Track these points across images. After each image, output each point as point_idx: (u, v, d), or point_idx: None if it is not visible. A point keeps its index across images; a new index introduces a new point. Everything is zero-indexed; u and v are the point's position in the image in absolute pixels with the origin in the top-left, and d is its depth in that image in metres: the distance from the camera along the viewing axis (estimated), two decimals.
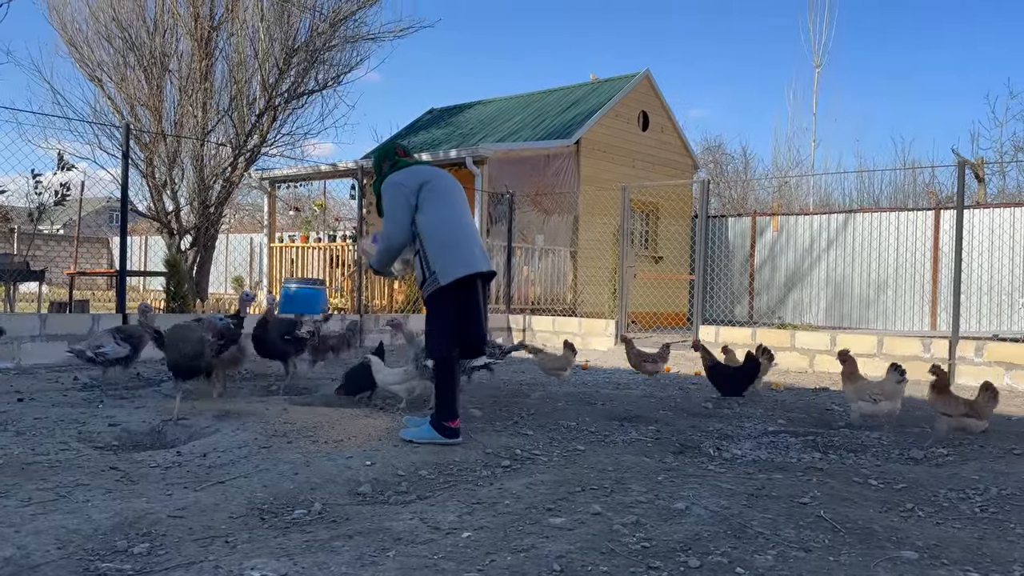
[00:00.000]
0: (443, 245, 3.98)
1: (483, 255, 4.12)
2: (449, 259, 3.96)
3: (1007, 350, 7.40)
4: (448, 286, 3.93)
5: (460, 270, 3.94)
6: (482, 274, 4.07)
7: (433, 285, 3.98)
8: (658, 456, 3.90)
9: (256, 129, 12.78)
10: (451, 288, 3.94)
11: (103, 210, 33.22)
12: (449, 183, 4.20)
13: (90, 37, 12.29)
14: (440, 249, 3.97)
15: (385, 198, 4.14)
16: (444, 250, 3.97)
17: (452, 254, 3.97)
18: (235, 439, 3.81)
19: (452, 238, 4.02)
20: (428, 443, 3.89)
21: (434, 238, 4.00)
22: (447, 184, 4.18)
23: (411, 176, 4.11)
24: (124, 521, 2.64)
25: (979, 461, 3.94)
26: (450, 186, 4.20)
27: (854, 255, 14.43)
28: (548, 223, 13.69)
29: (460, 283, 3.94)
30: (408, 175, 4.12)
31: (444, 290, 3.95)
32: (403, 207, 4.03)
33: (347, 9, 12.87)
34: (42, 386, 5.58)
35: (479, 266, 4.02)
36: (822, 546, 2.60)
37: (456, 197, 4.20)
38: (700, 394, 6.20)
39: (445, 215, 4.05)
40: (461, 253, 3.98)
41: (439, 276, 3.94)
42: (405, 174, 4.13)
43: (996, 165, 23.07)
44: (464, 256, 3.98)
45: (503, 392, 5.89)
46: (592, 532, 2.66)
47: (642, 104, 15.29)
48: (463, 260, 3.97)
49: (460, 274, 3.93)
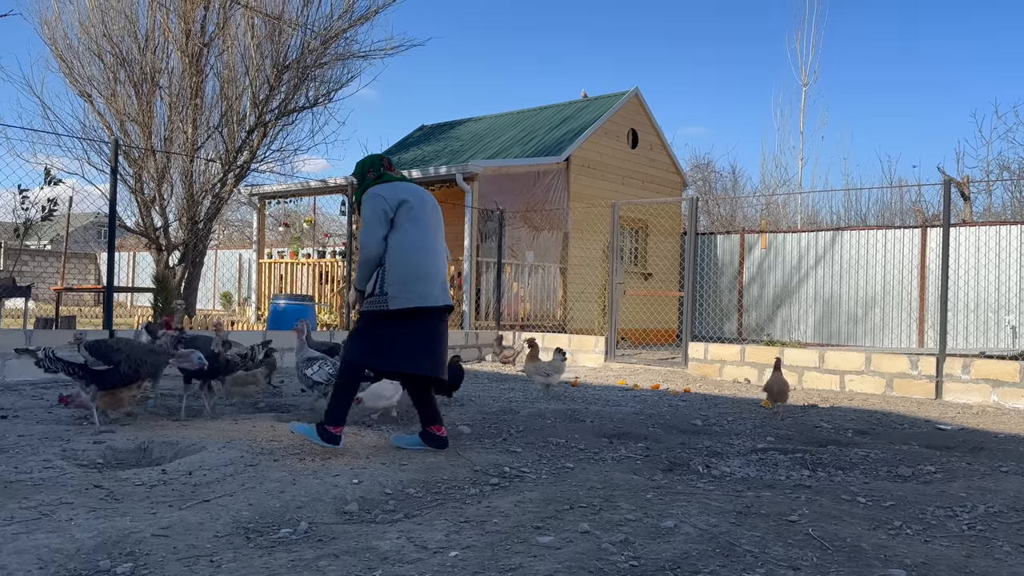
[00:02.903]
0: (406, 272, 3.99)
1: (443, 289, 4.12)
2: (407, 288, 3.97)
3: (994, 367, 7.45)
4: (394, 312, 3.97)
5: (413, 301, 3.97)
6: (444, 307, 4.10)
7: (379, 304, 4.00)
8: (647, 474, 3.89)
9: (246, 145, 12.79)
10: (396, 314, 3.98)
11: (91, 225, 33.09)
12: (428, 206, 4.19)
13: (81, 52, 12.31)
14: (401, 275, 3.99)
15: (364, 208, 4.13)
16: (406, 278, 3.98)
17: (410, 283, 3.98)
18: (221, 457, 3.78)
19: (415, 267, 4.02)
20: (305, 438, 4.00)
21: (397, 262, 4.00)
22: (425, 207, 4.16)
23: (392, 191, 4.10)
24: (108, 540, 2.60)
25: (966, 479, 3.95)
26: (428, 210, 4.18)
27: (842, 272, 14.53)
28: (538, 240, 13.71)
29: (410, 311, 3.98)
30: (390, 190, 4.11)
31: (388, 313, 3.98)
32: (380, 220, 4.03)
33: (338, 27, 12.94)
34: (26, 403, 5.52)
35: (434, 301, 4.03)
36: (811, 564, 2.59)
37: (431, 222, 4.18)
38: (689, 411, 6.20)
39: (415, 240, 4.05)
40: (419, 285, 3.99)
41: (389, 300, 3.98)
42: (387, 188, 4.13)
43: (982, 183, 23.32)
44: (420, 289, 3.99)
45: (492, 409, 5.87)
46: (580, 551, 2.64)
47: (631, 122, 15.39)
48: (418, 292, 3.99)
49: (410, 305, 3.96)
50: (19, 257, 12.10)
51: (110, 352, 4.56)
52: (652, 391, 7.72)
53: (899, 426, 5.81)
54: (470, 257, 12.39)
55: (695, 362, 9.41)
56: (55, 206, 8.50)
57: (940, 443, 5.10)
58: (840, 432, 5.39)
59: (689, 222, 10.44)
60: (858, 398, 7.56)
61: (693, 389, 7.92)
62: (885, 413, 6.48)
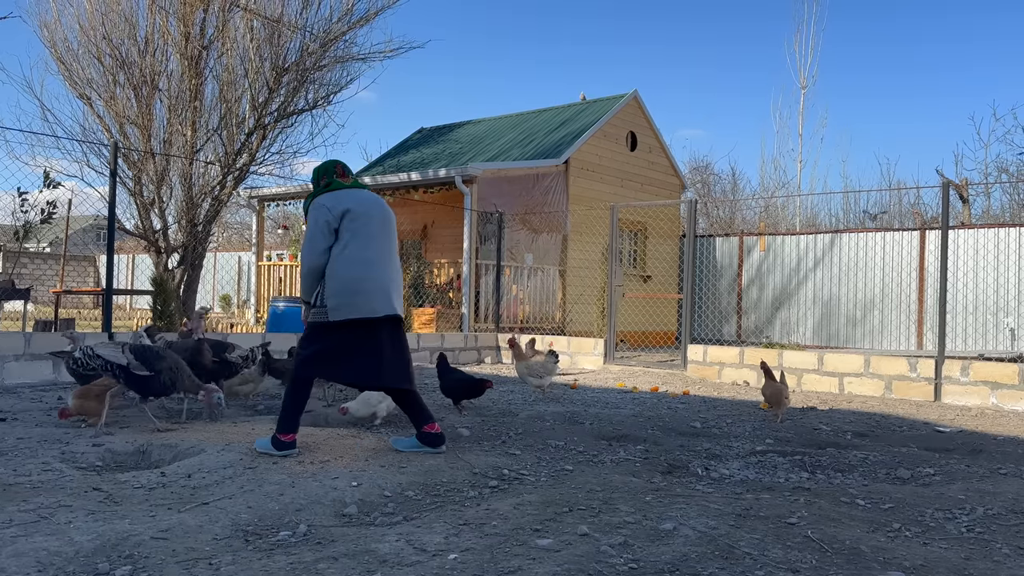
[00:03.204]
0: (344, 285, 3.98)
1: (386, 299, 4.06)
2: (345, 300, 3.96)
3: (993, 369, 7.45)
4: (336, 323, 3.97)
5: (353, 313, 3.96)
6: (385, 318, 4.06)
7: (320, 316, 4.01)
8: (646, 476, 3.89)
9: (245, 148, 12.78)
10: (339, 325, 3.98)
11: (90, 228, 33.09)
12: (375, 215, 4.13)
13: (80, 55, 12.29)
14: (340, 289, 3.97)
15: (308, 219, 4.12)
16: (343, 291, 3.97)
17: (350, 296, 3.97)
18: (220, 459, 3.78)
19: (355, 279, 3.99)
20: (266, 453, 3.95)
21: (338, 276, 3.99)
22: (372, 216, 4.11)
23: (336, 201, 4.07)
24: (107, 543, 2.60)
25: (965, 481, 3.96)
26: (374, 219, 4.12)
27: (841, 275, 14.54)
28: (537, 242, 13.72)
29: (352, 322, 3.97)
30: (335, 199, 4.08)
31: (331, 324, 3.99)
32: (321, 232, 4.02)
33: (338, 30, 12.94)
34: (25, 405, 5.52)
35: (373, 312, 4.00)
36: (810, 566, 2.59)
37: (377, 231, 4.12)
38: (688, 413, 6.21)
39: (355, 252, 4.02)
40: (359, 297, 3.98)
41: (328, 312, 3.98)
42: (332, 197, 4.09)
43: (981, 186, 23.34)
44: (360, 301, 3.98)
45: (491, 412, 5.87)
46: (579, 554, 2.64)
47: (630, 124, 15.41)
48: (358, 304, 3.97)
49: (351, 316, 3.96)
50: (18, 259, 12.09)
51: (155, 359, 4.50)
52: (651, 393, 7.72)
53: (898, 428, 5.82)
54: (469, 259, 12.39)
55: (694, 364, 9.41)
56: (54, 209, 8.50)
57: (939, 445, 5.10)
58: (839, 434, 5.40)
59: (688, 224, 10.44)
60: (857, 400, 7.56)
61: (692, 391, 7.93)
62: (884, 415, 6.48)
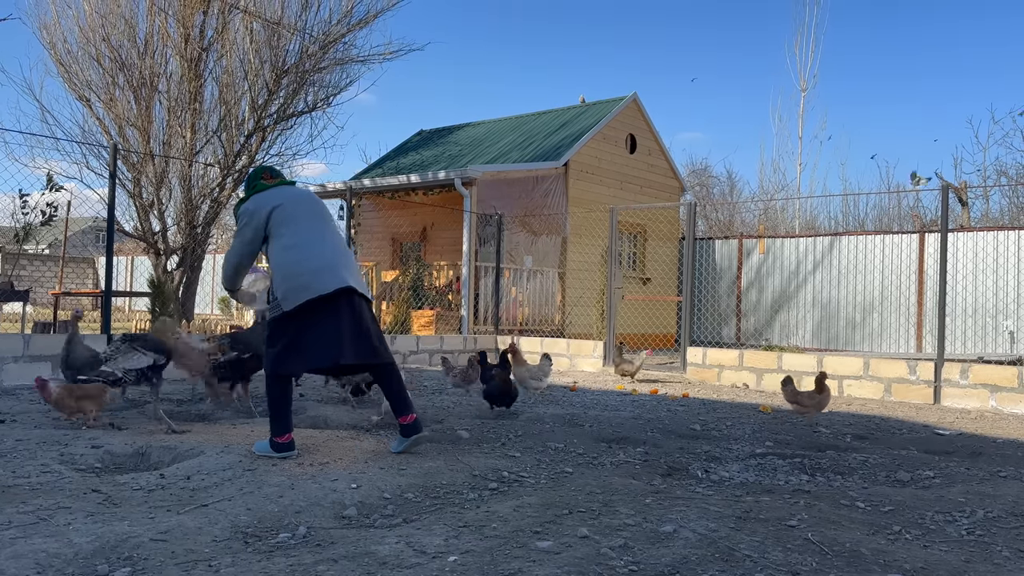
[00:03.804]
0: (286, 272, 4.01)
1: (332, 276, 4.02)
2: (291, 286, 3.98)
3: (992, 372, 7.45)
4: (291, 311, 3.98)
5: (301, 295, 3.96)
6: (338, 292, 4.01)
7: (276, 310, 4.05)
8: (646, 478, 3.89)
9: (245, 150, 12.79)
10: (294, 313, 3.98)
11: (89, 230, 33.08)
12: (301, 203, 4.21)
13: (80, 57, 12.30)
14: (283, 277, 4.01)
15: (237, 225, 4.25)
16: (287, 277, 4.00)
17: (294, 280, 3.99)
18: (219, 461, 3.77)
19: (295, 263, 4.02)
20: (265, 456, 3.95)
21: (278, 265, 4.05)
22: (299, 204, 4.19)
23: (261, 202, 4.15)
24: (106, 545, 2.60)
25: (965, 483, 3.95)
26: (301, 207, 4.20)
27: (840, 277, 14.54)
28: (536, 244, 13.73)
29: (305, 306, 3.97)
30: (259, 201, 4.17)
31: (287, 315, 4.00)
32: (248, 235, 4.13)
33: (337, 32, 12.95)
34: (24, 407, 5.51)
35: (324, 288, 3.98)
36: (810, 569, 2.59)
37: (306, 216, 4.18)
38: (688, 416, 6.20)
39: (291, 240, 4.07)
40: (303, 279, 3.98)
41: (281, 302, 4.01)
42: (256, 200, 4.19)
43: (979, 189, 23.36)
44: (306, 281, 3.97)
45: (490, 414, 5.87)
46: (580, 556, 2.64)
47: (630, 127, 15.42)
48: (304, 285, 3.97)
49: (300, 300, 3.96)
50: (17, 261, 12.07)
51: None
52: (651, 396, 7.72)
53: (897, 431, 5.82)
54: (469, 262, 12.39)
55: (693, 367, 9.41)
56: (55, 211, 8.50)
57: (939, 448, 5.10)
58: (839, 437, 5.40)
59: (687, 227, 10.45)
60: (856, 403, 7.56)
61: (691, 394, 7.92)
62: (883, 418, 6.48)
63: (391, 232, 16.05)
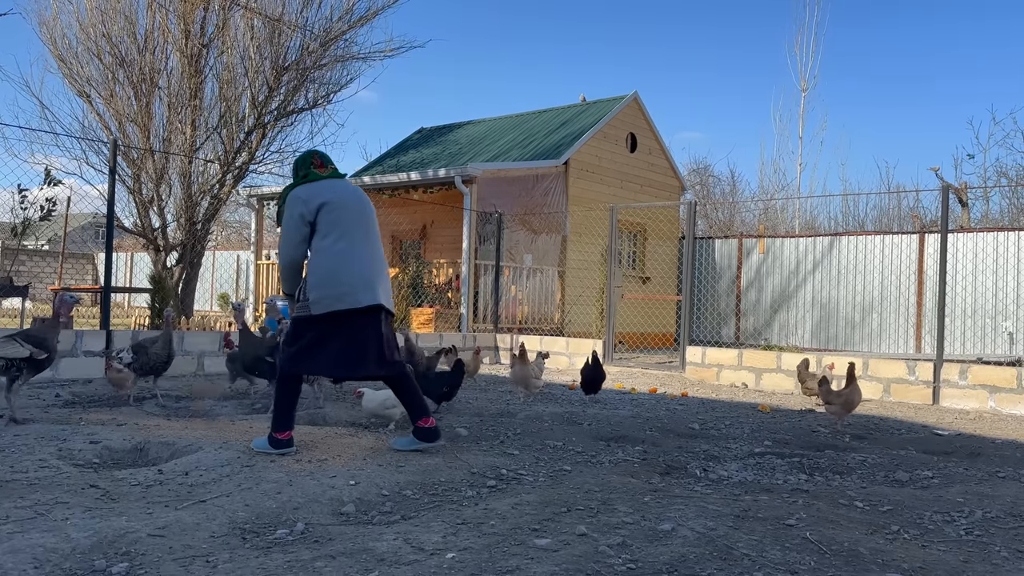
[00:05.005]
0: (325, 277, 3.95)
1: (367, 290, 4.00)
2: (327, 293, 3.93)
3: (991, 373, 7.45)
4: (318, 316, 3.95)
5: (333, 305, 3.93)
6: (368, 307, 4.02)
7: (303, 310, 4.00)
8: (644, 477, 3.89)
9: (245, 146, 12.78)
10: (320, 318, 3.95)
11: (89, 226, 33.08)
12: (352, 205, 4.08)
13: (80, 53, 12.29)
14: (321, 281, 3.95)
15: (284, 213, 4.07)
16: (325, 283, 3.94)
17: (332, 288, 3.93)
18: (218, 457, 3.77)
19: (336, 271, 3.96)
20: (264, 452, 3.94)
21: (318, 267, 3.96)
22: (349, 207, 4.06)
23: (313, 193, 4.02)
24: (103, 540, 2.59)
25: (964, 484, 3.95)
26: (352, 208, 4.07)
27: (840, 278, 14.54)
28: (536, 243, 13.72)
29: (335, 315, 3.95)
30: (311, 191, 4.02)
31: (315, 318, 3.96)
32: (296, 225, 3.99)
33: (338, 29, 12.94)
34: (22, 402, 5.50)
35: (355, 303, 3.96)
36: (808, 568, 2.59)
37: (355, 222, 4.07)
38: (686, 415, 6.20)
39: (336, 244, 3.98)
40: (341, 289, 3.94)
41: (311, 305, 3.96)
42: (308, 189, 4.04)
43: (979, 190, 23.37)
44: (340, 292, 3.94)
45: (489, 412, 5.86)
46: (578, 553, 2.64)
47: (630, 126, 15.41)
48: (338, 296, 3.93)
49: (332, 308, 3.93)
50: (16, 257, 12.06)
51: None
52: (649, 395, 7.72)
53: (896, 431, 5.81)
54: (468, 260, 12.38)
55: (692, 366, 9.41)
56: (53, 206, 8.49)
57: (937, 448, 5.10)
58: (837, 437, 5.40)
59: (687, 226, 10.44)
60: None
61: (690, 393, 7.92)
62: (882, 418, 6.48)
63: (391, 230, 16.04)
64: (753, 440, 5.11)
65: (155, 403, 5.63)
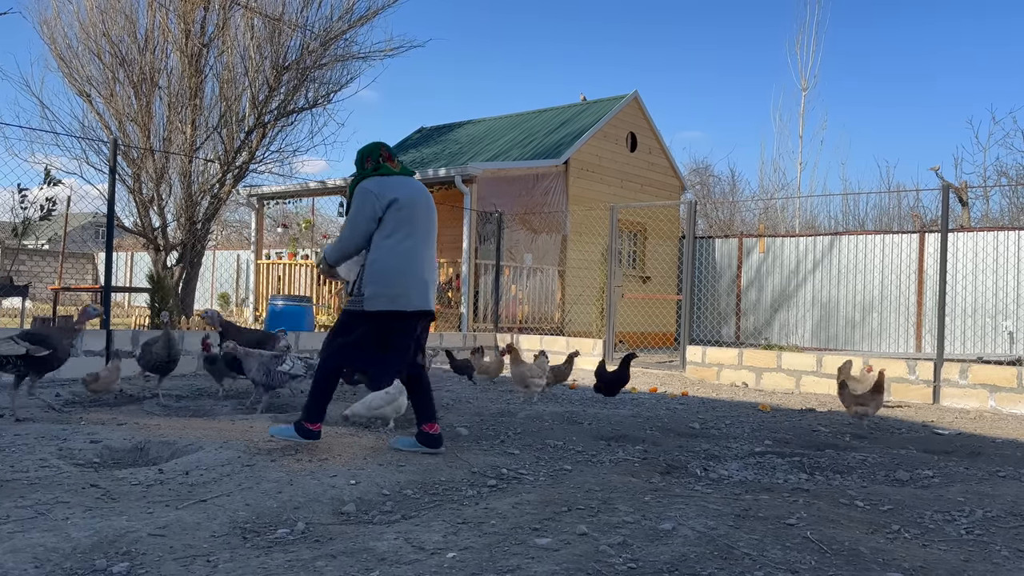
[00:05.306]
0: (383, 275, 3.93)
1: (421, 295, 4.02)
2: (384, 291, 3.92)
3: (991, 372, 7.45)
4: (371, 313, 3.94)
5: (387, 305, 3.92)
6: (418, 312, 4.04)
7: (356, 305, 3.98)
8: (645, 476, 3.89)
9: (245, 146, 12.78)
10: (373, 315, 3.94)
11: (89, 225, 33.06)
12: (420, 206, 4.06)
13: (80, 52, 12.29)
14: (379, 277, 3.93)
15: (353, 202, 4.02)
16: (384, 281, 3.93)
17: (390, 287, 3.92)
18: (218, 457, 3.77)
19: (398, 271, 3.95)
20: (287, 440, 3.98)
21: (379, 263, 3.94)
22: (417, 207, 4.04)
23: (384, 188, 3.98)
24: (104, 539, 2.60)
25: (964, 483, 3.95)
26: (419, 210, 4.05)
27: (840, 277, 14.53)
28: (536, 242, 13.72)
29: (387, 314, 3.94)
30: (382, 185, 3.99)
31: (365, 314, 3.95)
32: (367, 218, 3.95)
33: (338, 28, 12.94)
34: (22, 402, 5.50)
35: (409, 306, 3.97)
36: (809, 567, 2.59)
37: (422, 223, 4.06)
38: (687, 414, 6.20)
39: (401, 244, 3.96)
40: (398, 290, 3.94)
41: (365, 301, 3.94)
42: (380, 183, 4.00)
43: (979, 189, 23.36)
44: (396, 293, 3.94)
45: (489, 411, 5.86)
46: (578, 553, 2.64)
47: (630, 125, 15.40)
48: (392, 296, 3.93)
49: (386, 308, 3.93)
50: (16, 256, 12.05)
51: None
52: (650, 394, 7.72)
53: (896, 430, 5.81)
54: (469, 259, 12.38)
55: (693, 366, 9.41)
56: (54, 206, 8.49)
57: (938, 448, 5.10)
58: (838, 436, 5.40)
59: (687, 226, 10.44)
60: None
61: (691, 392, 7.92)
62: (882, 417, 6.48)
63: None
64: (753, 439, 5.11)
65: (156, 403, 5.63)
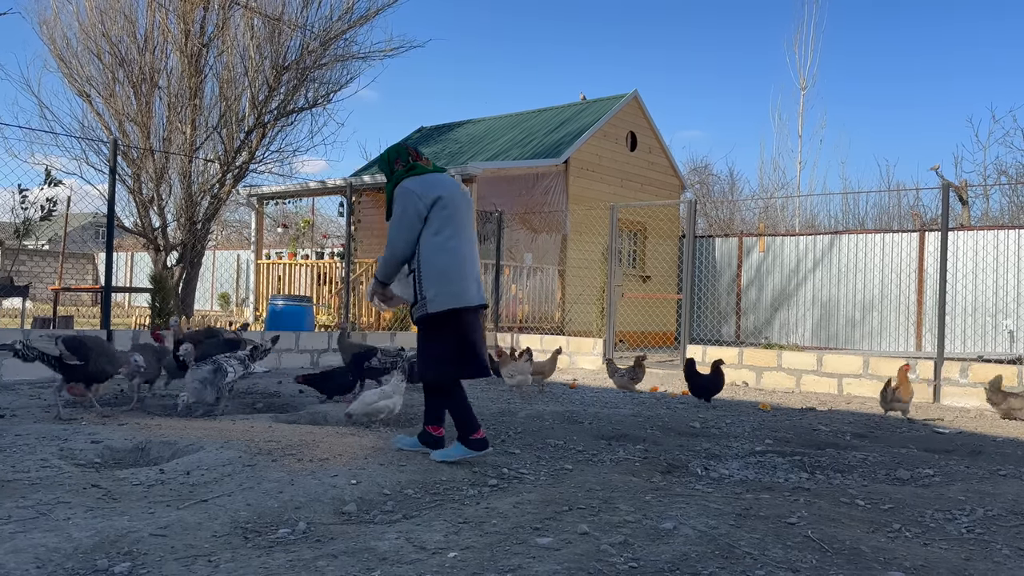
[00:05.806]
0: (440, 273, 3.88)
1: (478, 288, 4.01)
2: (443, 289, 3.87)
3: (992, 371, 7.45)
4: (437, 314, 3.88)
5: (451, 302, 3.86)
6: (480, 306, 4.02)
7: (422, 310, 3.92)
8: (646, 475, 3.89)
9: (245, 146, 12.79)
10: (441, 316, 3.89)
11: (89, 226, 33.05)
12: (461, 202, 4.03)
13: (80, 52, 12.30)
14: (436, 277, 3.88)
15: (396, 205, 3.92)
16: (440, 279, 3.87)
17: (447, 285, 3.87)
18: (219, 457, 3.77)
19: (451, 268, 3.90)
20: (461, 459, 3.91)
21: (432, 263, 3.88)
22: (459, 203, 4.00)
23: (426, 187, 3.91)
24: (105, 539, 2.60)
25: (965, 482, 3.95)
26: (461, 206, 4.02)
27: (840, 276, 14.54)
28: (536, 242, 13.72)
29: (452, 313, 3.89)
30: (423, 185, 3.92)
31: (434, 317, 3.90)
32: (414, 219, 3.86)
33: (338, 28, 12.94)
34: (24, 402, 5.51)
35: (471, 300, 3.94)
36: (810, 566, 2.59)
37: (465, 219, 4.03)
38: (687, 413, 6.20)
39: (449, 242, 3.90)
40: (456, 286, 3.89)
41: (428, 304, 3.87)
42: (420, 183, 3.93)
43: (980, 188, 23.35)
44: (457, 289, 3.89)
45: (490, 411, 5.86)
46: (579, 552, 2.64)
47: (630, 124, 15.40)
48: (455, 293, 3.88)
49: (450, 306, 3.86)
50: (17, 256, 12.06)
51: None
52: (650, 393, 7.72)
53: (897, 429, 5.81)
54: None
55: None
56: (54, 206, 8.49)
57: (938, 446, 5.10)
58: (838, 435, 5.40)
59: (688, 225, 10.44)
60: (856, 401, 7.56)
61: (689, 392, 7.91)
62: (883, 416, 6.48)
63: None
64: (754, 438, 5.11)
65: (155, 402, 5.63)
